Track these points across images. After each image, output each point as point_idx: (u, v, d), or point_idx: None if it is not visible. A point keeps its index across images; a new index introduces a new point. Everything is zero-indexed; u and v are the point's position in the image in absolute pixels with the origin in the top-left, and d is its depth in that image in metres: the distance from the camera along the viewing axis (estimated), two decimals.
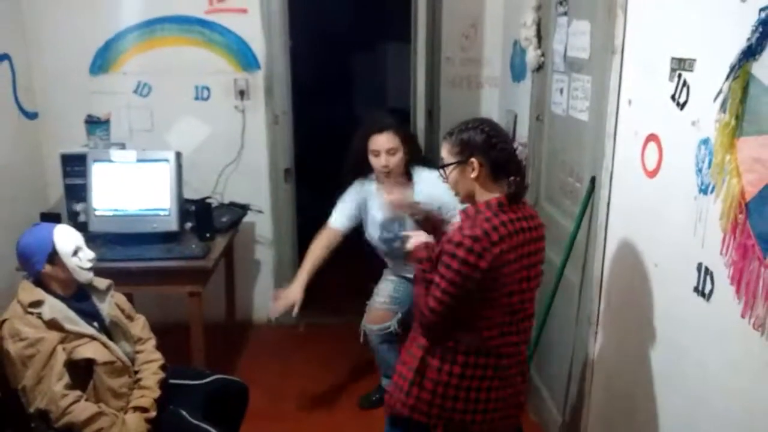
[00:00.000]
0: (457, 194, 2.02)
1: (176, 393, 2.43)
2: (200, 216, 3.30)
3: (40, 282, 2.26)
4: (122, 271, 2.80)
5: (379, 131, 2.85)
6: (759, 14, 1.45)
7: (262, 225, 4.11)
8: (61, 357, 2.13)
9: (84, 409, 2.12)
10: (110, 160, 3.20)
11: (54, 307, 2.20)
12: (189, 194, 3.59)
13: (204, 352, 3.10)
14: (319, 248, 2.99)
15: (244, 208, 3.81)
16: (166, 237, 3.18)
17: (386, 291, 3.12)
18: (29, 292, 2.22)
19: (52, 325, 2.16)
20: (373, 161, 2.86)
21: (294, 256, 4.27)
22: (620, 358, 2.30)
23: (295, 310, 2.85)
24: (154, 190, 3.19)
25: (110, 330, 2.34)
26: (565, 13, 2.80)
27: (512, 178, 1.92)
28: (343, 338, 3.89)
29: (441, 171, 2.00)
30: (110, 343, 2.28)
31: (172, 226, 3.19)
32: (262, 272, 4.22)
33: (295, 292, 2.86)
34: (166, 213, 3.18)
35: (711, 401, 1.70)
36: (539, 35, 3.14)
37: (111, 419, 2.16)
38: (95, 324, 2.30)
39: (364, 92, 6.90)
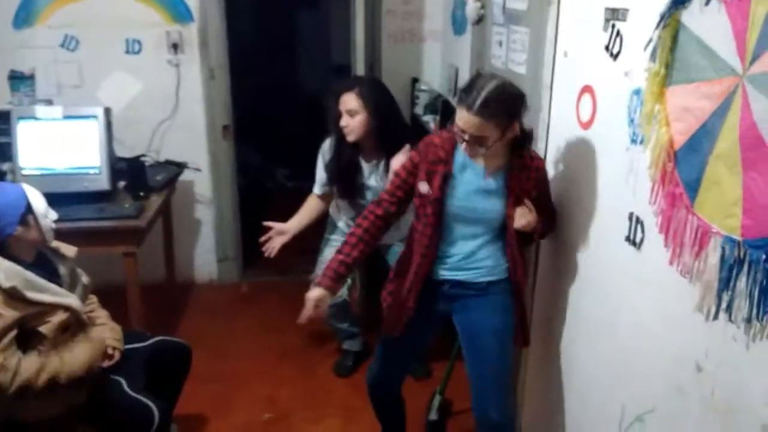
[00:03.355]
0: (490, 157, 2.06)
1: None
2: (133, 174, 3.20)
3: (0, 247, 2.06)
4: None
5: (344, 90, 2.79)
6: None
7: (201, 183, 4.03)
8: (13, 332, 1.98)
9: (30, 362, 1.99)
10: (35, 117, 3.05)
11: (10, 273, 1.99)
12: (123, 152, 3.47)
13: (143, 314, 3.04)
14: (306, 209, 3.05)
15: (180, 166, 3.71)
16: (98, 196, 3.07)
17: None
18: None
19: (12, 294, 1.97)
20: (341, 122, 2.80)
21: (235, 215, 4.20)
22: (558, 306, 2.33)
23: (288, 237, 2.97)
24: (83, 147, 3.05)
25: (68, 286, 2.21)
26: None
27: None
28: (286, 297, 3.85)
29: (483, 146, 1.98)
30: (74, 304, 2.14)
31: (104, 184, 3.08)
32: (203, 231, 4.15)
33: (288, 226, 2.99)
34: (97, 171, 3.06)
35: (642, 346, 1.74)
36: None
37: (57, 358, 2.04)
38: (56, 280, 2.15)
39: (308, 47, 6.75)
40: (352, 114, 2.74)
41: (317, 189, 3.01)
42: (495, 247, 2.18)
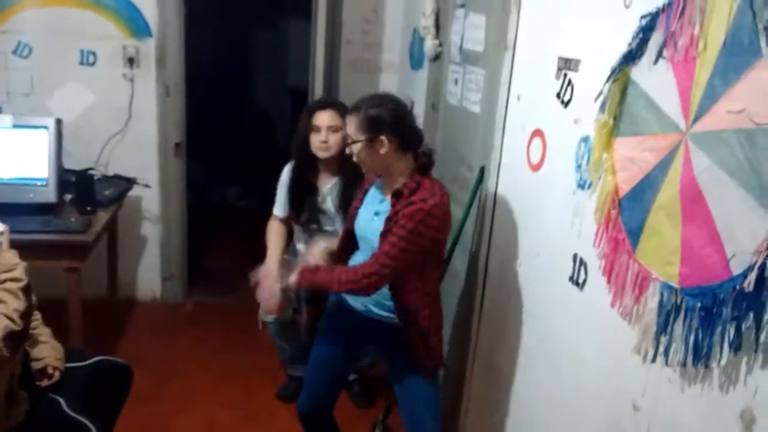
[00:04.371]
0: (366, 169, 2.13)
1: None
2: (81, 188, 3.15)
3: None
4: None
5: (323, 107, 2.81)
6: (640, 21, 1.54)
7: (150, 200, 3.98)
8: None
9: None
10: None
11: None
12: (70, 164, 3.41)
13: (83, 332, 2.97)
14: (275, 235, 2.95)
15: (129, 182, 3.66)
16: (44, 208, 3.01)
17: (285, 279, 3.06)
18: None
19: None
20: (313, 139, 2.78)
21: (183, 233, 4.16)
22: (501, 341, 2.39)
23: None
24: (31, 158, 3.00)
25: None
26: (463, 6, 2.85)
27: (420, 150, 2.07)
28: (231, 318, 3.85)
29: (348, 147, 2.09)
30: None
31: (50, 197, 3.02)
32: (148, 249, 4.09)
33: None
34: (44, 183, 3.00)
35: (583, 383, 1.80)
36: (438, 25, 3.19)
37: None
38: None
39: (263, 67, 6.77)
40: (335, 130, 2.75)
41: (280, 212, 2.98)
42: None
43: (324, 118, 2.77)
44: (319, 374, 2.38)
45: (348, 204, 2.83)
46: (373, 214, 2.15)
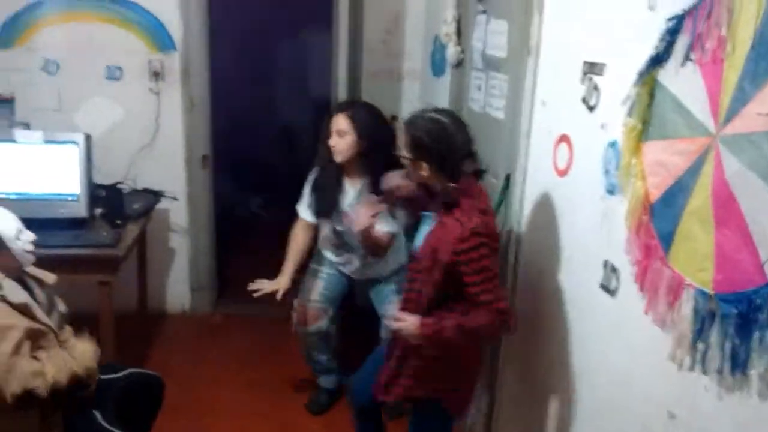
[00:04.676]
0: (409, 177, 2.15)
1: None
2: (111, 202, 3.19)
3: None
4: None
5: (338, 111, 2.84)
6: (666, 23, 1.52)
7: (177, 213, 4.01)
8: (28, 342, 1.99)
9: (50, 363, 2.02)
10: (14, 141, 3.04)
11: (14, 289, 2.01)
12: (99, 179, 3.45)
13: (115, 345, 3.00)
14: (297, 242, 3.00)
15: (157, 195, 3.70)
16: (75, 223, 3.06)
17: (317, 288, 3.05)
18: None
19: (21, 309, 2.00)
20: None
21: (211, 245, 4.20)
22: (531, 347, 2.37)
23: (279, 294, 2.92)
24: (61, 173, 3.05)
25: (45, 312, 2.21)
26: (484, 12, 2.84)
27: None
28: (260, 329, 3.86)
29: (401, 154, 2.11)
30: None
31: (81, 211, 3.07)
32: (177, 261, 4.13)
33: (281, 281, 2.94)
34: (75, 198, 3.05)
35: (616, 393, 1.78)
36: (459, 32, 3.19)
37: (66, 354, 2.09)
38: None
39: (285, 79, 6.80)
40: (342, 134, 2.76)
41: (306, 214, 2.99)
42: None
43: (334, 122, 2.79)
44: (380, 358, 2.39)
45: None
46: (426, 222, 2.20)
